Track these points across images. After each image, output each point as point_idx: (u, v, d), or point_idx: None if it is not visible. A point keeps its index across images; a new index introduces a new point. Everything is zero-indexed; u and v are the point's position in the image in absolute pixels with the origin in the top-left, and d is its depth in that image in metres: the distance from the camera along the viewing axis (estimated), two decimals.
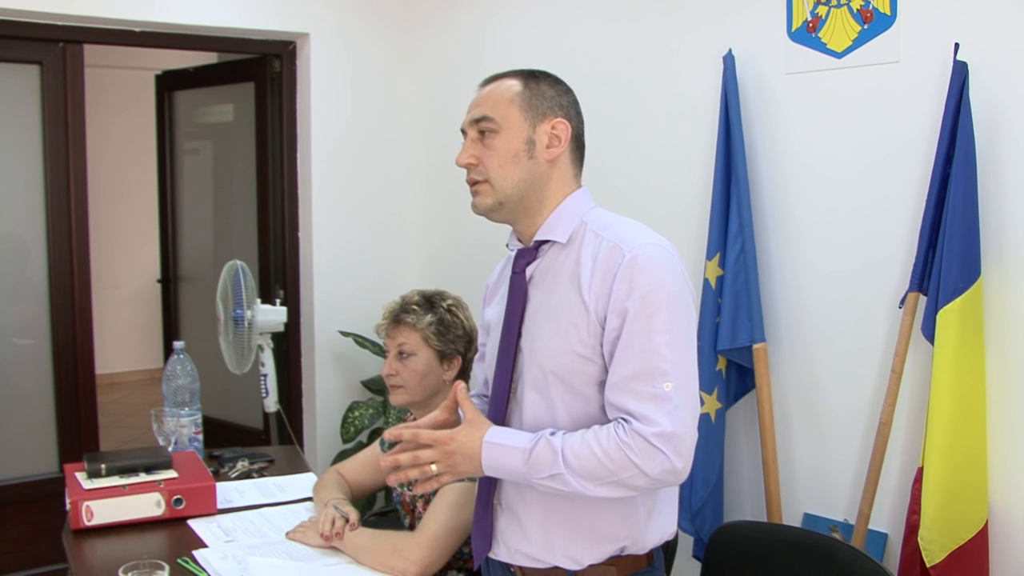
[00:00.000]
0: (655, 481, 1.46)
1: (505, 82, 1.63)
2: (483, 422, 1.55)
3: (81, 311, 3.53)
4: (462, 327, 2.21)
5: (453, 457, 1.52)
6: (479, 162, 1.60)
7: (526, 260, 1.64)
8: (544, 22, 3.30)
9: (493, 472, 1.53)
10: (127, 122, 6.54)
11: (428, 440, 1.52)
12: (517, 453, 1.48)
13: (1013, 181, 2.14)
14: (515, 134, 1.59)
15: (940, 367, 2.15)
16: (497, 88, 1.62)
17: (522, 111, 1.59)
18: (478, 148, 1.61)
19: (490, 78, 1.66)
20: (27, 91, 3.40)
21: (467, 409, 1.55)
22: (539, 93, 1.61)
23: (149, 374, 6.97)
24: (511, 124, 1.59)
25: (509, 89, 1.61)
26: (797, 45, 2.53)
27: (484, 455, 1.50)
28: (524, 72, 1.64)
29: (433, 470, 1.52)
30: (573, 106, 1.65)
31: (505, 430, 1.54)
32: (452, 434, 1.53)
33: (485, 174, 1.60)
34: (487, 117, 1.59)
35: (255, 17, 3.55)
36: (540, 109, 1.60)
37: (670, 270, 1.52)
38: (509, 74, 1.65)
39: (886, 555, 2.40)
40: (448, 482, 1.55)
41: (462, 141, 1.65)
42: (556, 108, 1.62)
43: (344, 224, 3.82)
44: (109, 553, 2.03)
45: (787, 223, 2.60)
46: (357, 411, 3.62)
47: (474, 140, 1.62)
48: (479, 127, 1.60)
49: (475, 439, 1.51)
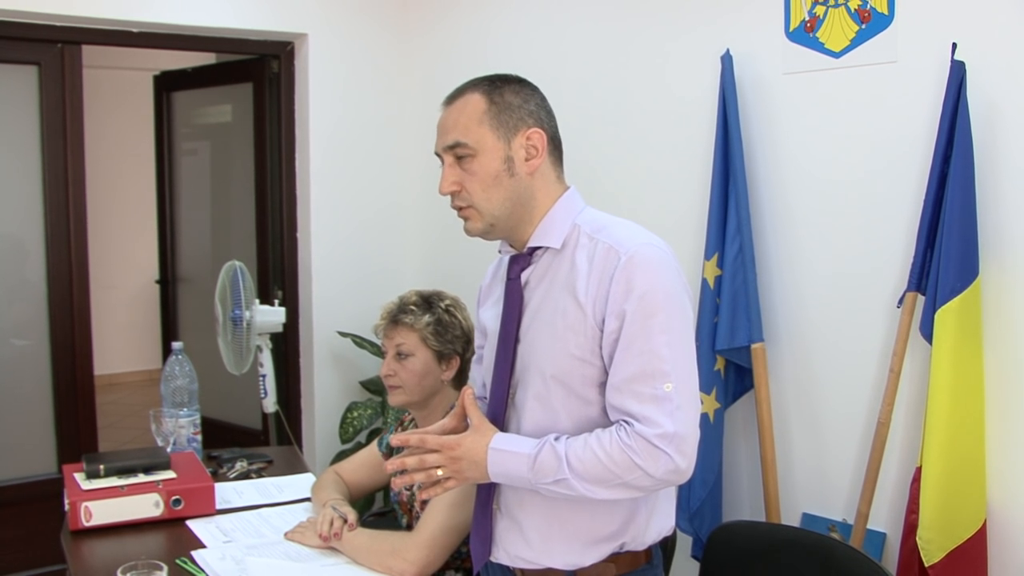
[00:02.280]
0: (659, 482, 1.46)
1: (469, 99, 1.58)
2: (489, 429, 1.55)
3: (79, 312, 3.53)
4: (460, 327, 2.21)
5: (459, 463, 1.52)
6: (461, 188, 1.57)
7: (520, 266, 1.63)
8: (541, 23, 3.30)
9: (499, 478, 1.53)
10: (125, 123, 6.52)
11: (435, 445, 1.53)
12: (522, 459, 1.49)
13: (1011, 180, 2.14)
14: (492, 155, 1.55)
15: (938, 367, 2.15)
16: (463, 109, 1.57)
17: (493, 130, 1.56)
18: (457, 173, 1.57)
19: (452, 95, 1.61)
20: (25, 92, 3.40)
21: (474, 416, 1.56)
22: (506, 106, 1.57)
23: (148, 375, 6.96)
24: (486, 146, 1.55)
25: (476, 108, 1.56)
26: (795, 45, 2.53)
27: (490, 461, 1.51)
28: (485, 83, 1.59)
29: (439, 475, 1.53)
30: (542, 107, 1.61)
31: (510, 436, 1.54)
32: (458, 440, 1.53)
33: (469, 200, 1.57)
34: (460, 143, 1.56)
35: (253, 18, 3.55)
36: (511, 123, 1.56)
37: (666, 270, 1.51)
38: (470, 87, 1.60)
39: (884, 555, 2.40)
40: (453, 487, 1.56)
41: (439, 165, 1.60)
42: (526, 117, 1.58)
43: (342, 224, 3.82)
44: (108, 553, 2.03)
45: (785, 223, 2.60)
46: (356, 411, 3.62)
47: (452, 165, 1.58)
48: (454, 152, 1.57)
49: (481, 445, 1.52)
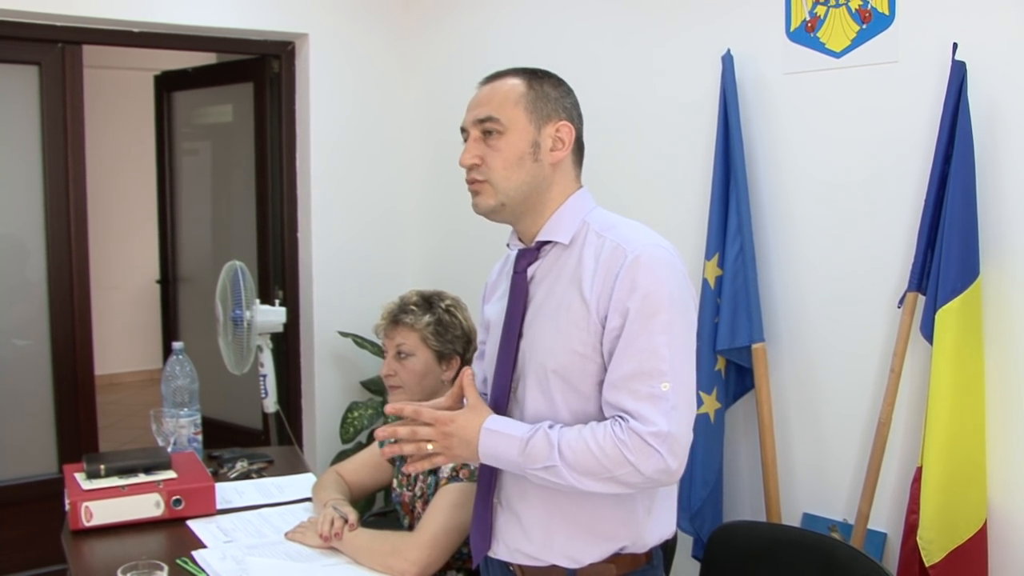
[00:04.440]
0: (648, 480, 1.46)
1: (509, 81, 1.60)
2: (484, 409, 1.55)
3: (80, 312, 3.53)
4: (460, 327, 2.21)
5: (451, 439, 1.52)
6: (483, 162, 1.58)
7: (527, 260, 1.64)
8: (541, 23, 3.30)
9: (488, 460, 1.53)
10: (126, 123, 6.52)
11: (428, 418, 1.53)
12: (514, 442, 1.49)
13: (1012, 180, 2.14)
14: (521, 136, 1.57)
15: (939, 367, 2.15)
16: (501, 87, 1.59)
17: (527, 113, 1.57)
18: (481, 148, 1.58)
19: (491, 76, 1.63)
20: (26, 92, 3.40)
21: (471, 395, 1.56)
22: (543, 95, 1.59)
23: (148, 375, 6.96)
24: (517, 126, 1.57)
25: (514, 89, 1.58)
26: (796, 45, 2.53)
27: (481, 441, 1.51)
28: (527, 71, 1.62)
29: (428, 448, 1.52)
30: (575, 107, 1.64)
31: (504, 419, 1.55)
32: (452, 416, 1.53)
33: (487, 174, 1.57)
34: (492, 118, 1.57)
35: (254, 18, 3.55)
36: (545, 111, 1.58)
37: (672, 272, 1.52)
38: (511, 72, 1.62)
39: (885, 555, 2.40)
40: (441, 463, 1.56)
41: (461, 141, 1.62)
42: (560, 110, 1.60)
43: (343, 224, 3.82)
44: (108, 554, 2.03)
45: (786, 223, 2.60)
46: (356, 411, 3.61)
47: (477, 140, 1.59)
48: (483, 127, 1.58)
49: (474, 424, 1.52)
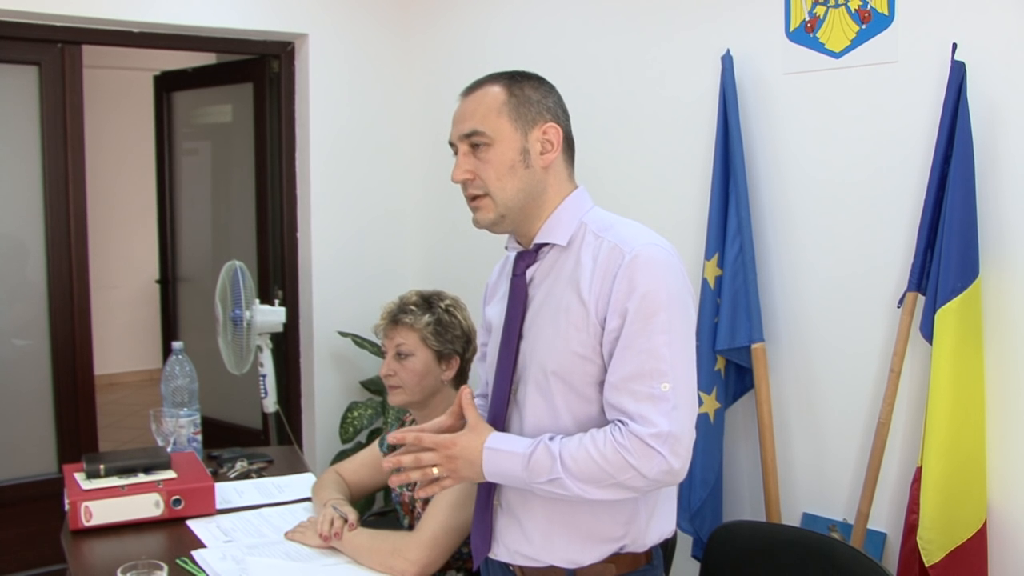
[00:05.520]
0: (653, 482, 1.46)
1: (489, 90, 1.59)
2: (485, 428, 1.55)
3: (80, 312, 3.53)
4: (460, 327, 2.21)
5: (455, 462, 1.53)
6: (475, 176, 1.57)
7: (526, 262, 1.64)
8: (541, 23, 3.30)
9: (494, 478, 1.53)
10: (125, 123, 6.53)
11: (431, 444, 1.53)
12: (516, 458, 1.49)
13: (1011, 180, 2.14)
14: (508, 145, 1.56)
15: (939, 367, 2.15)
16: (483, 98, 1.58)
17: (512, 121, 1.56)
18: (471, 162, 1.58)
19: (471, 86, 1.62)
20: (25, 92, 3.40)
21: (470, 415, 1.56)
22: (525, 99, 1.58)
23: (148, 375, 6.97)
24: (503, 136, 1.56)
25: (495, 99, 1.57)
26: (795, 45, 2.53)
27: (485, 460, 1.51)
28: (505, 76, 1.61)
29: (435, 473, 1.53)
30: (559, 105, 1.63)
31: (506, 436, 1.55)
32: (454, 439, 1.53)
33: (484, 187, 1.57)
34: (477, 131, 1.56)
35: (253, 18, 3.55)
36: (529, 116, 1.58)
37: (670, 271, 1.51)
38: (490, 80, 1.61)
39: (885, 555, 2.40)
40: (449, 486, 1.56)
41: (452, 155, 1.61)
42: (544, 112, 1.59)
43: (343, 224, 3.82)
44: (108, 553, 2.03)
45: (785, 223, 2.60)
46: (356, 411, 3.62)
47: (466, 154, 1.58)
48: (470, 141, 1.57)
49: (476, 444, 1.52)
